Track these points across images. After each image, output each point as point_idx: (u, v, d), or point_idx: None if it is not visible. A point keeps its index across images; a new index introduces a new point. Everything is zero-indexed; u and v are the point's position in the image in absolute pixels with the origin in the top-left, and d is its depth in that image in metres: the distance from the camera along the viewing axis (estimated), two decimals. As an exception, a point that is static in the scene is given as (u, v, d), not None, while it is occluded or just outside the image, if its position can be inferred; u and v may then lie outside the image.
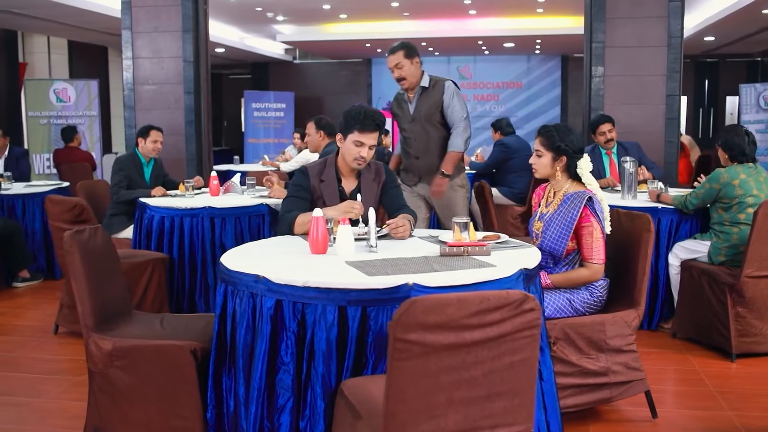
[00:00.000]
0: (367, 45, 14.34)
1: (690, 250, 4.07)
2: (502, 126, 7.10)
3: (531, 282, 2.40)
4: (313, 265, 2.41)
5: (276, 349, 2.19)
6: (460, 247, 2.53)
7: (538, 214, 3.12)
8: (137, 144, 5.13)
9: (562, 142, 2.99)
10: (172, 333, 2.71)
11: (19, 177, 6.70)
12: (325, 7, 11.37)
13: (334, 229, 2.72)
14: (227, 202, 4.38)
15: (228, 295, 2.35)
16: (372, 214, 2.69)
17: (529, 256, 2.53)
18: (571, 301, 2.95)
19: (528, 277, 2.35)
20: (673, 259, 4.14)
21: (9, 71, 11.58)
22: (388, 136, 9.07)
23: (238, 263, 2.37)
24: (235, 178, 5.00)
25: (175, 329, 2.75)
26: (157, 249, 4.26)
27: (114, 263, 2.89)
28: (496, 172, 6.92)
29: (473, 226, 2.75)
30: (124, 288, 2.97)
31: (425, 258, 2.48)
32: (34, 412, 3.20)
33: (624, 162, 4.58)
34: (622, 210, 3.22)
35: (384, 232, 2.92)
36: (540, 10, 11.90)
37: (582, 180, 3.01)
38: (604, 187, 4.93)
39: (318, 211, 2.64)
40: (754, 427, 2.97)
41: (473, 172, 7.04)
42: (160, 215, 4.28)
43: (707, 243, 4.00)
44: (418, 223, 3.61)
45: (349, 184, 3.26)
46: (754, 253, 3.65)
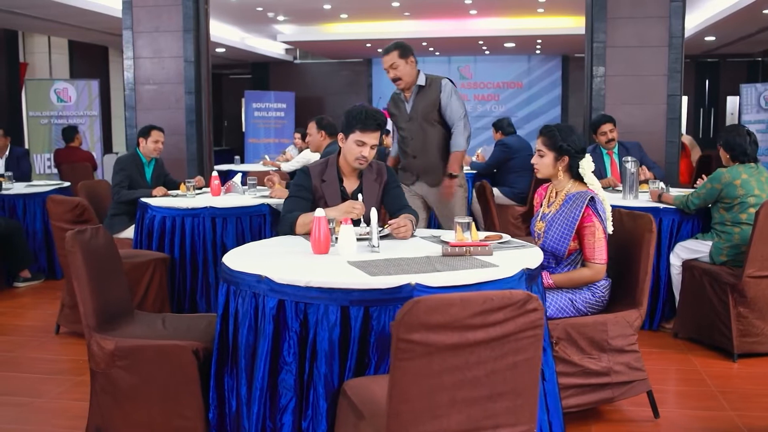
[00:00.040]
0: (367, 45, 14.34)
1: (691, 250, 4.07)
2: (503, 126, 7.10)
3: (533, 282, 2.40)
4: (315, 265, 2.41)
5: (278, 349, 2.19)
6: (463, 247, 2.53)
7: (540, 214, 3.12)
8: (138, 144, 5.13)
9: (565, 142, 2.98)
10: (174, 333, 2.71)
11: (20, 177, 6.71)
12: (326, 7, 11.37)
13: (336, 229, 2.72)
14: (228, 202, 4.38)
15: (230, 295, 2.35)
16: (374, 214, 2.69)
17: (531, 256, 2.53)
18: (573, 301, 2.95)
19: (530, 277, 2.35)
20: (675, 259, 4.14)
21: (10, 71, 11.58)
22: (389, 136, 9.06)
23: (241, 263, 2.37)
24: (237, 178, 4.99)
25: (177, 329, 2.75)
26: (159, 249, 4.26)
27: (116, 263, 2.89)
28: (497, 172, 6.91)
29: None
30: (126, 288, 2.97)
31: (427, 258, 2.48)
32: (36, 412, 3.20)
33: (625, 162, 4.58)
34: (624, 210, 3.22)
35: (386, 232, 2.92)
36: (541, 10, 11.90)
37: (584, 180, 3.01)
38: (605, 187, 4.93)
39: (320, 211, 2.64)
40: (755, 427, 2.97)
41: (474, 172, 7.04)
42: (161, 215, 4.28)
43: (709, 243, 4.00)
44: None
45: (351, 184, 3.26)
46: (755, 253, 3.65)
